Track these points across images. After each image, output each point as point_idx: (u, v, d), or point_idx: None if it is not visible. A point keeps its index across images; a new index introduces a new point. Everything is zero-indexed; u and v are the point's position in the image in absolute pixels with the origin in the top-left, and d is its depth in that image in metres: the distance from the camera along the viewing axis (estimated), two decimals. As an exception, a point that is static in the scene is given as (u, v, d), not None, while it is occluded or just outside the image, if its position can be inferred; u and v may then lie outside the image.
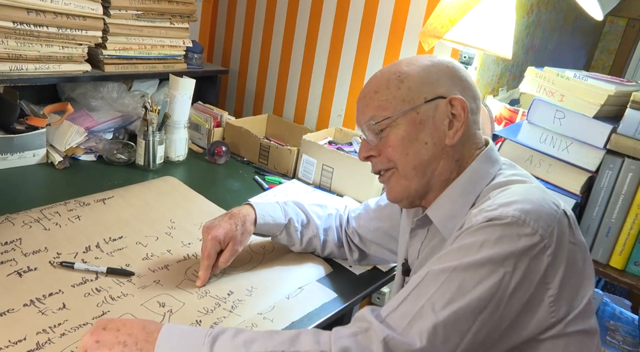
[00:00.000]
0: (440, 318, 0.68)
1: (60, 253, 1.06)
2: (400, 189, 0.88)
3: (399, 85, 0.85)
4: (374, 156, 0.89)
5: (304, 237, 1.17)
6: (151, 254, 1.11)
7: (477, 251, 0.71)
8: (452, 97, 0.84)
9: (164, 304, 0.96)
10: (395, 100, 0.85)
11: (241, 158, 1.79)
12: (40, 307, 0.90)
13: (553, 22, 2.02)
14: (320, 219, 1.19)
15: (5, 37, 1.38)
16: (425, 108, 0.84)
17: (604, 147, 1.18)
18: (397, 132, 0.85)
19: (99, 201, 1.30)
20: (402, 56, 1.69)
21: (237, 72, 2.21)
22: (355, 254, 1.19)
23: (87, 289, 0.97)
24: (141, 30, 1.70)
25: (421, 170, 0.86)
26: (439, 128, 0.84)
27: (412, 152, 0.85)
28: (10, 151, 1.41)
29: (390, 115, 0.85)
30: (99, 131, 1.64)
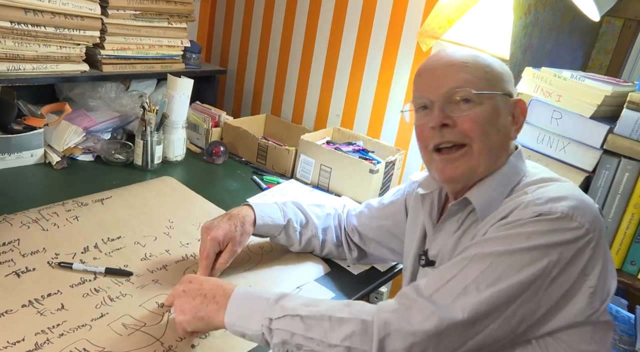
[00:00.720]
0: (483, 296, 0.74)
1: (59, 254, 1.06)
2: (467, 169, 0.87)
3: (486, 69, 0.87)
4: (449, 126, 0.86)
5: (303, 237, 1.17)
6: (150, 254, 1.12)
7: (524, 240, 0.75)
8: (518, 99, 0.90)
9: (163, 304, 0.96)
10: (482, 81, 0.86)
11: (239, 158, 1.79)
12: (38, 308, 0.90)
13: (550, 23, 2.02)
14: (319, 219, 1.19)
15: (3, 37, 1.38)
16: (501, 99, 0.87)
17: (600, 148, 1.18)
18: (483, 110, 0.85)
19: (97, 201, 1.30)
20: (400, 57, 1.70)
21: (235, 72, 2.21)
22: (355, 253, 1.20)
23: (86, 290, 0.97)
24: (139, 30, 1.70)
25: (493, 155, 0.87)
26: (507, 121, 0.88)
27: (492, 133, 0.86)
28: (8, 151, 1.41)
29: (485, 90, 0.85)
30: (97, 131, 1.63)
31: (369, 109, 1.81)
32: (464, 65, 0.86)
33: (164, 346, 0.86)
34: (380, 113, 1.78)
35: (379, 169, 1.54)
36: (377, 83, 1.77)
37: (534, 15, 1.80)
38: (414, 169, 1.72)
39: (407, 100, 1.71)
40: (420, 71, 0.92)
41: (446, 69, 0.87)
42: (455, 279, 0.77)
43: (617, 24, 2.93)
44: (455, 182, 0.91)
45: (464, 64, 0.86)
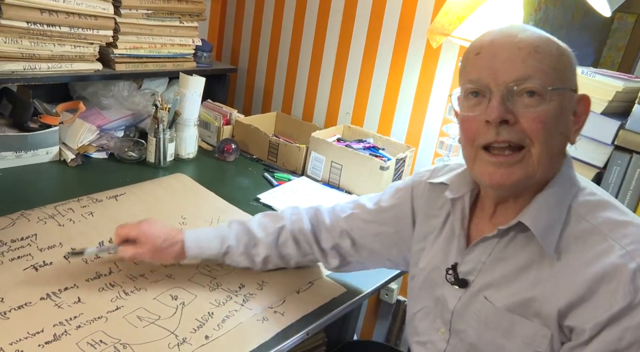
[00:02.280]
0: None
1: (75, 248, 1.07)
2: (523, 176, 0.73)
3: (560, 58, 0.72)
4: (509, 122, 0.72)
5: (256, 259, 1.05)
6: None
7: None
8: (584, 96, 0.75)
9: (177, 297, 0.99)
10: (555, 73, 0.71)
11: (250, 155, 1.81)
12: (56, 301, 0.93)
13: (561, 19, 2.02)
14: (270, 235, 1.05)
15: (20, 37, 1.40)
16: (569, 95, 0.73)
17: (612, 144, 1.18)
18: (550, 109, 0.71)
19: (111, 197, 1.32)
20: (410, 54, 1.70)
21: (246, 70, 2.22)
22: (335, 261, 1.06)
23: (101, 284, 0.99)
24: (151, 29, 1.72)
25: (552, 162, 0.74)
26: (570, 121, 0.75)
27: (554, 137, 0.73)
28: (25, 149, 1.43)
29: (559, 86, 0.71)
30: (110, 129, 1.66)
31: (379, 106, 1.81)
32: (535, 50, 0.71)
33: (178, 338, 0.88)
34: (391, 110, 1.79)
35: (389, 166, 1.54)
36: (387, 80, 1.77)
37: (544, 12, 1.79)
38: (424, 165, 1.73)
39: (417, 98, 1.71)
40: (477, 47, 0.75)
41: (514, 52, 0.71)
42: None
43: (629, 20, 2.91)
44: (505, 190, 0.77)
45: (536, 48, 0.71)
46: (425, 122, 1.71)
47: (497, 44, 0.73)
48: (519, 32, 0.73)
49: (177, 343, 0.87)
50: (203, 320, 0.93)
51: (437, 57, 1.64)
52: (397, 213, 0.99)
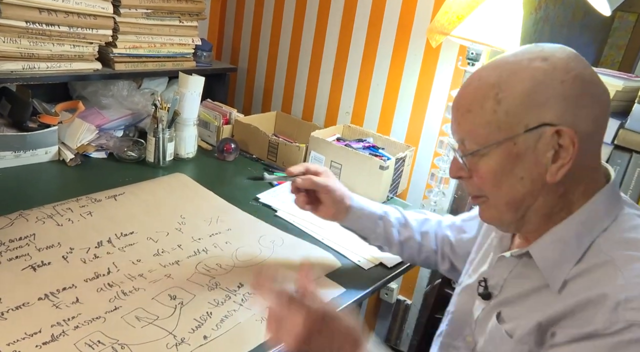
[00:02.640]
0: None
1: (73, 248, 1.08)
2: (490, 217, 0.78)
3: (495, 108, 0.69)
4: (465, 177, 0.77)
5: (401, 236, 1.12)
6: (162, 250, 1.13)
7: None
8: (559, 129, 0.67)
9: (175, 296, 0.98)
10: (490, 126, 0.70)
11: (250, 155, 1.81)
12: (54, 301, 0.92)
13: (561, 18, 2.01)
14: (416, 222, 1.14)
15: (19, 36, 1.40)
16: (524, 138, 0.69)
17: (611, 143, 1.18)
18: (489, 163, 0.72)
19: (110, 197, 1.31)
20: (410, 54, 1.70)
21: (246, 69, 2.22)
22: (446, 265, 1.12)
23: (100, 284, 0.99)
24: (151, 28, 1.72)
25: (514, 206, 0.73)
26: (539, 162, 0.69)
27: (505, 186, 0.72)
28: (24, 149, 1.43)
29: (481, 145, 0.71)
30: (109, 129, 1.66)
31: (379, 105, 1.81)
32: (468, 112, 0.72)
33: (177, 338, 0.88)
34: (391, 110, 1.79)
35: (389, 166, 1.54)
36: (387, 80, 1.77)
37: (544, 11, 1.79)
38: (424, 165, 1.73)
39: (417, 97, 1.71)
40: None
41: (455, 113, 0.75)
42: None
43: (630, 19, 2.91)
44: (495, 225, 0.82)
45: (468, 110, 0.72)
46: (425, 122, 1.71)
47: (453, 102, 0.77)
48: (467, 86, 0.74)
49: (176, 343, 0.87)
50: (202, 320, 0.93)
51: (437, 57, 1.64)
52: (475, 220, 1.06)
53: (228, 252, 1.16)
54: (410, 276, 1.80)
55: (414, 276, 1.80)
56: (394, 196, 1.66)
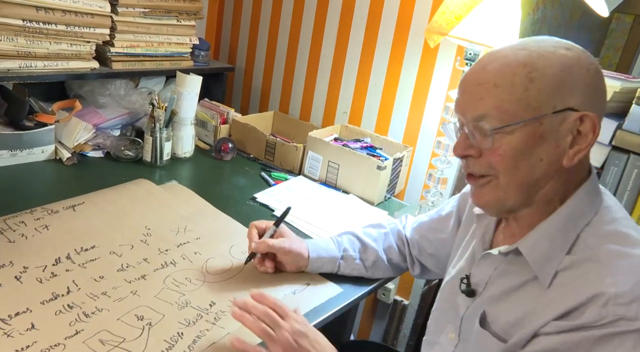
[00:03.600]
0: None
1: (27, 267, 0.99)
2: (492, 199, 0.76)
3: (528, 86, 0.69)
4: (472, 156, 0.75)
5: (366, 263, 1.14)
6: (126, 265, 1.06)
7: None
8: (584, 114, 0.69)
9: (142, 317, 0.92)
10: (520, 104, 0.69)
11: (247, 155, 1.80)
12: (5, 329, 0.83)
13: (559, 19, 2.02)
14: (376, 241, 1.15)
15: (15, 34, 1.40)
16: (551, 119, 0.69)
17: (609, 144, 1.18)
18: (512, 141, 0.70)
19: (68, 208, 1.22)
20: (408, 54, 1.70)
21: (244, 69, 2.22)
22: (417, 268, 1.15)
23: (58, 306, 0.90)
24: (148, 27, 1.71)
25: (526, 189, 0.73)
26: (559, 145, 0.71)
27: (523, 166, 0.71)
28: (20, 147, 1.42)
29: (510, 122, 0.70)
30: (106, 128, 1.65)
31: (377, 106, 1.81)
32: (495, 86, 0.70)
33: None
34: (388, 110, 1.78)
35: (386, 166, 1.54)
36: (384, 80, 1.77)
37: (542, 12, 1.79)
38: (421, 165, 1.73)
39: (415, 97, 1.71)
40: (460, 81, 0.78)
41: (474, 89, 0.73)
42: None
43: (627, 20, 2.91)
44: (486, 210, 0.81)
45: (496, 84, 0.70)
46: (423, 122, 1.71)
47: (466, 79, 0.75)
48: (490, 63, 0.73)
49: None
50: (172, 341, 0.87)
51: (435, 57, 1.64)
52: (448, 220, 1.06)
53: (198, 264, 1.10)
54: (407, 276, 1.80)
55: (411, 277, 1.80)
56: (392, 196, 1.66)
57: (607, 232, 0.72)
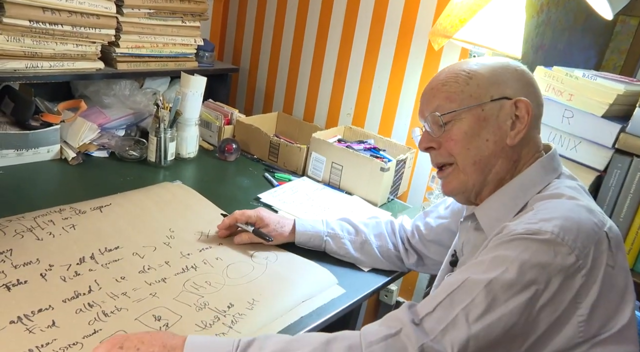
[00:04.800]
0: (473, 331, 0.70)
1: (53, 265, 1.01)
2: (457, 184, 0.89)
3: (468, 82, 0.87)
4: (434, 148, 0.90)
5: (355, 244, 1.20)
6: (148, 267, 1.06)
7: (511, 265, 0.72)
8: (517, 99, 0.86)
9: (160, 317, 0.92)
10: (463, 94, 0.86)
11: (251, 155, 1.81)
12: (27, 325, 0.85)
13: (563, 22, 2.02)
14: (367, 227, 1.22)
15: (22, 35, 1.41)
16: (490, 106, 0.86)
17: (612, 147, 1.18)
18: (461, 126, 0.86)
19: (95, 208, 1.24)
20: (412, 56, 1.70)
21: (248, 70, 2.23)
22: (413, 257, 1.20)
23: (79, 305, 0.92)
24: (153, 28, 1.72)
25: (480, 167, 0.87)
26: (501, 127, 0.86)
27: (473, 147, 0.86)
28: (26, 147, 1.43)
29: (456, 108, 0.86)
30: (111, 128, 1.66)
31: (381, 107, 1.81)
32: (443, 85, 0.89)
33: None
34: (392, 112, 1.79)
35: (389, 168, 1.54)
36: (388, 82, 1.78)
37: (546, 15, 1.79)
38: (424, 167, 1.73)
39: (419, 99, 1.71)
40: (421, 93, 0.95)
41: (427, 93, 0.92)
42: (443, 304, 0.73)
43: (632, 23, 2.91)
44: (455, 196, 0.94)
45: (443, 84, 0.89)
46: (426, 124, 1.71)
47: (426, 87, 0.93)
48: (439, 74, 0.92)
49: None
50: None
51: (439, 59, 1.64)
52: (454, 207, 1.14)
53: (219, 269, 1.09)
54: (410, 278, 1.80)
55: (413, 278, 1.80)
56: (395, 197, 1.67)
57: (549, 195, 0.83)
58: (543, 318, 0.71)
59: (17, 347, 0.80)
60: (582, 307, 0.72)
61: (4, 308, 0.88)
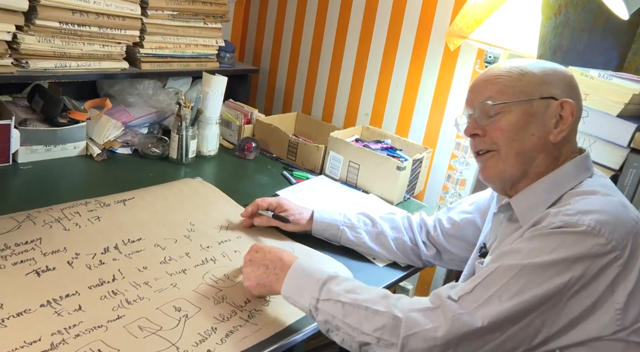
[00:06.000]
0: (504, 307, 0.77)
1: (79, 253, 1.06)
2: (496, 172, 0.93)
3: (520, 78, 0.91)
4: (479, 135, 0.94)
5: (370, 235, 1.24)
6: (169, 258, 1.10)
7: (548, 253, 0.77)
8: (564, 101, 0.89)
9: (180, 308, 0.96)
10: (514, 89, 0.90)
11: (270, 154, 1.85)
12: (56, 308, 0.90)
13: (582, 23, 2.01)
14: (384, 220, 1.26)
15: (52, 36, 1.47)
16: (538, 103, 0.90)
17: (627, 146, 1.19)
18: (509, 118, 0.90)
19: (119, 202, 1.29)
20: (429, 57, 1.72)
21: (268, 71, 2.27)
22: (432, 250, 1.23)
23: (104, 292, 0.96)
24: (176, 30, 1.77)
25: (521, 159, 0.91)
26: (546, 124, 0.90)
27: (518, 139, 0.90)
28: (54, 143, 1.49)
29: (508, 100, 0.90)
30: (135, 126, 1.71)
31: (398, 108, 1.84)
32: (496, 77, 0.92)
33: (179, 350, 0.86)
34: (409, 112, 1.81)
35: (406, 166, 1.56)
36: (406, 82, 1.80)
37: (564, 16, 1.79)
38: (441, 166, 1.74)
39: (435, 100, 1.74)
40: (469, 86, 0.99)
41: (479, 84, 0.95)
42: (480, 286, 0.80)
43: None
44: (490, 183, 0.97)
45: (496, 77, 0.93)
46: (443, 124, 1.73)
47: (476, 80, 0.98)
48: (491, 69, 0.96)
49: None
50: (206, 335, 0.90)
51: (456, 60, 1.66)
52: (481, 201, 1.19)
53: (237, 263, 1.12)
54: (426, 276, 1.82)
55: (429, 277, 1.82)
56: (411, 197, 1.68)
57: (583, 191, 0.87)
58: (575, 305, 0.76)
59: (46, 329, 0.85)
60: (618, 295, 0.77)
61: (34, 292, 0.93)
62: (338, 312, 0.86)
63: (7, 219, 1.14)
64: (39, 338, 0.83)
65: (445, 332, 0.78)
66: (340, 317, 0.86)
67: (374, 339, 0.83)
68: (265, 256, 1.00)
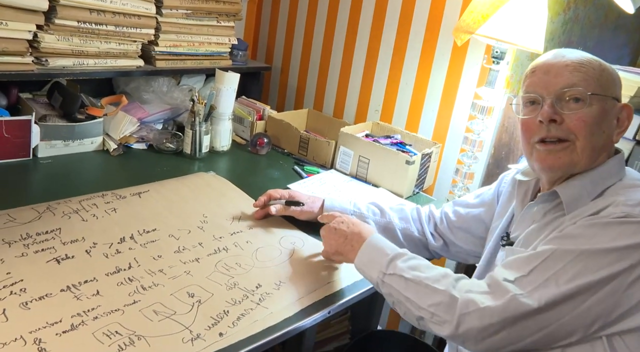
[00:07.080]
0: (561, 290, 0.79)
1: (96, 243, 1.11)
2: (567, 162, 0.91)
3: (602, 73, 0.90)
4: (556, 122, 0.90)
5: (379, 225, 1.27)
6: (183, 248, 1.14)
7: (608, 241, 0.79)
8: (625, 104, 0.92)
9: (193, 294, 1.00)
10: (597, 82, 0.89)
11: (282, 149, 1.88)
12: (75, 293, 0.95)
13: (593, 19, 2.01)
14: (393, 210, 1.29)
15: (71, 35, 1.52)
16: (610, 102, 0.90)
17: (633, 138, 1.20)
18: (592, 111, 0.88)
19: (134, 194, 1.34)
20: (438, 54, 1.74)
21: (280, 68, 2.30)
22: (439, 241, 1.26)
23: (120, 279, 1.01)
24: (190, 28, 1.81)
25: (594, 154, 0.90)
26: (611, 124, 0.91)
27: (597, 134, 0.89)
28: (72, 138, 1.54)
29: (597, 92, 0.88)
30: (150, 122, 1.76)
31: (408, 103, 1.86)
32: (580, 65, 0.90)
33: (192, 333, 0.90)
34: (418, 108, 1.83)
35: (415, 161, 1.58)
36: (415, 78, 1.82)
37: (573, 12, 1.80)
38: (450, 161, 1.76)
39: (444, 96, 1.76)
40: (534, 68, 0.95)
41: (561, 68, 0.91)
42: (537, 269, 0.82)
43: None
44: (554, 172, 0.94)
45: (580, 64, 0.90)
46: (452, 119, 1.75)
47: (549, 63, 0.93)
48: (567, 54, 0.93)
49: (192, 338, 0.89)
50: (218, 318, 0.94)
51: (464, 56, 1.67)
52: (487, 198, 1.20)
53: (248, 252, 1.17)
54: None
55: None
56: (420, 191, 1.70)
57: (630, 185, 0.89)
58: (634, 292, 0.78)
59: (67, 311, 0.90)
60: None
61: (55, 278, 0.98)
62: (400, 286, 0.92)
63: (29, 210, 1.19)
64: (60, 320, 0.88)
65: (501, 310, 0.80)
66: (402, 291, 0.92)
67: (429, 314, 0.87)
68: (348, 227, 1.08)
